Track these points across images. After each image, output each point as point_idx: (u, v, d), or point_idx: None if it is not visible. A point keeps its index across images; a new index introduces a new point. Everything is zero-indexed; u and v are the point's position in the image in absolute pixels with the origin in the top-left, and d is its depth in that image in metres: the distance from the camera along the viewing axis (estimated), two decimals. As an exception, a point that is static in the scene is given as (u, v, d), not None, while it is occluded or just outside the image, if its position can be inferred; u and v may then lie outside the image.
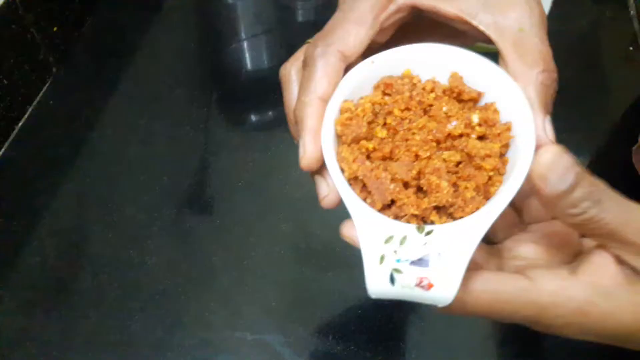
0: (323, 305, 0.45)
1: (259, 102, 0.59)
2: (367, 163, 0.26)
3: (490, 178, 0.26)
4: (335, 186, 0.26)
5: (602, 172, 0.56)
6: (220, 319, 0.44)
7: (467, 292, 0.24)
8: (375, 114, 0.28)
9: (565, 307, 0.24)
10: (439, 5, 0.28)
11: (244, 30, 0.67)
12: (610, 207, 0.23)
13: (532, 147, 0.25)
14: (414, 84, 0.28)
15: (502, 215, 0.25)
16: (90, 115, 0.58)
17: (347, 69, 0.28)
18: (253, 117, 0.59)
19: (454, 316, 0.26)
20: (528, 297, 0.24)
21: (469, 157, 0.26)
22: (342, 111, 0.27)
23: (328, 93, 0.27)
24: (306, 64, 0.28)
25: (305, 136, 0.27)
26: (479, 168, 0.26)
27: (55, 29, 0.61)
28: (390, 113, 0.27)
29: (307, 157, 0.26)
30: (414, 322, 0.44)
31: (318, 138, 0.26)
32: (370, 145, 0.26)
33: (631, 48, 0.63)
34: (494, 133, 0.26)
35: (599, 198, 0.23)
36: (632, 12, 0.66)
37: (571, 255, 0.27)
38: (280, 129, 0.55)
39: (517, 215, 0.30)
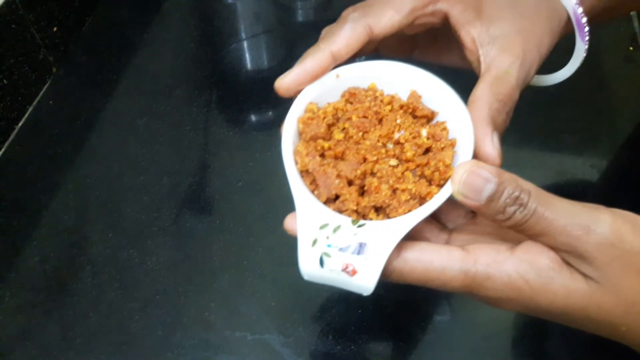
0: (323, 305, 0.45)
1: (259, 102, 0.59)
2: (318, 159, 0.29)
3: (428, 188, 0.28)
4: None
5: (602, 172, 0.56)
6: (220, 319, 0.44)
7: (404, 261, 0.26)
8: (337, 119, 0.31)
9: (498, 280, 0.25)
10: (464, 25, 0.31)
11: (244, 30, 0.67)
12: (537, 210, 0.24)
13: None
14: (376, 97, 0.31)
15: (455, 207, 0.29)
16: (90, 115, 0.58)
17: (372, 41, 0.31)
18: (253, 117, 0.59)
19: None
20: (461, 268, 0.26)
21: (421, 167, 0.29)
22: (306, 111, 0.30)
23: (341, 52, 0.30)
24: (338, 20, 0.31)
25: (295, 67, 0.30)
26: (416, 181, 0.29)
27: (55, 29, 0.61)
28: (349, 119, 0.30)
29: (282, 80, 0.30)
30: (414, 322, 0.44)
31: (303, 76, 0.30)
32: (326, 145, 0.29)
33: (631, 48, 0.63)
34: (439, 147, 0.29)
35: (525, 202, 0.24)
36: (632, 11, 0.66)
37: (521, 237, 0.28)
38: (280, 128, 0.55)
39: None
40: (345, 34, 0.30)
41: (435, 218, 0.31)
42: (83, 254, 0.48)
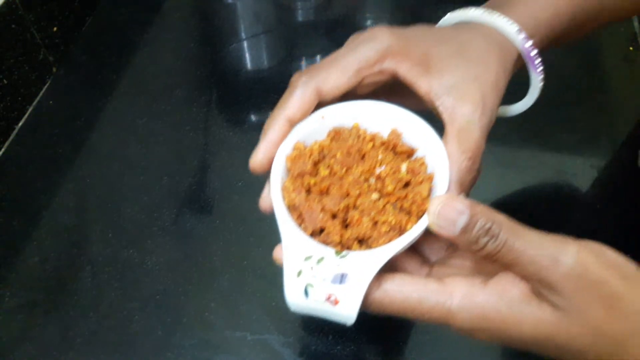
0: (323, 305, 0.45)
1: (259, 102, 0.59)
2: (304, 194, 0.30)
3: (407, 220, 0.29)
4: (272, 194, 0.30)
5: (602, 172, 0.56)
6: (220, 319, 0.44)
7: (384, 292, 0.27)
8: (323, 156, 0.32)
9: (471, 312, 0.26)
10: (415, 80, 0.32)
11: (244, 30, 0.67)
12: (507, 241, 0.25)
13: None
14: (359, 135, 0.32)
15: (436, 240, 0.31)
16: (90, 115, 0.58)
17: (322, 104, 0.32)
18: (253, 117, 0.59)
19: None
20: (437, 300, 0.27)
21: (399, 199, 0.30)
22: (293, 150, 0.32)
23: (295, 117, 0.31)
24: (289, 87, 0.32)
25: (261, 144, 0.31)
26: (396, 214, 0.30)
27: (55, 29, 0.61)
28: (334, 156, 0.32)
29: (254, 160, 0.31)
30: (414, 322, 0.44)
31: (270, 149, 0.31)
32: (312, 181, 0.31)
33: (631, 48, 0.63)
34: (417, 181, 0.31)
35: (497, 233, 0.25)
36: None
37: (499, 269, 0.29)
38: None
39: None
40: (296, 98, 0.31)
41: (417, 251, 0.32)
42: (83, 254, 0.48)
